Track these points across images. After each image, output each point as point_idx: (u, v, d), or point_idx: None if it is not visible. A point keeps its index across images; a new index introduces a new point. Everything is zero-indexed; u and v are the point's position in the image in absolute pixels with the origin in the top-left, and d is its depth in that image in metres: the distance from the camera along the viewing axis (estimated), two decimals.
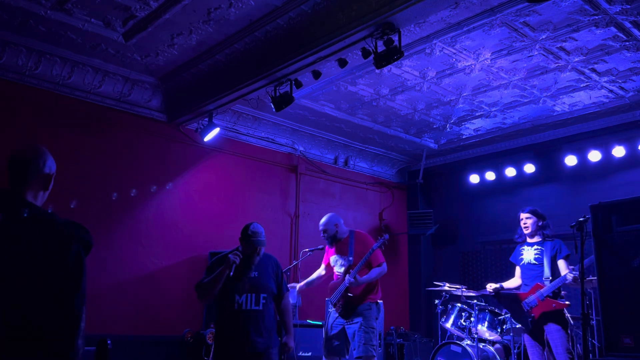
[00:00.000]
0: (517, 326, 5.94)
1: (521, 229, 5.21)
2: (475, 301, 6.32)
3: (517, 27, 5.28)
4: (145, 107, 6.72)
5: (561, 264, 4.92)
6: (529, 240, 5.17)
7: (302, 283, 5.41)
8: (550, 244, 5.01)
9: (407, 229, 9.14)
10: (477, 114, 7.57)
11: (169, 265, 6.66)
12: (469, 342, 6.16)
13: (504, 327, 6.06)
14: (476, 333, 6.09)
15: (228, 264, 3.83)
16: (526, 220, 5.12)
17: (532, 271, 5.03)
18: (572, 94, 6.82)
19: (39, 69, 5.84)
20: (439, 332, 6.92)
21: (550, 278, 4.87)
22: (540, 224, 5.10)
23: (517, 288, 5.23)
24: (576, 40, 5.53)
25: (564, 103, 7.09)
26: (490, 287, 5.30)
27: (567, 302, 4.83)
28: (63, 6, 5.11)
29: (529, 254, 5.10)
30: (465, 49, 5.76)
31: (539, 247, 5.06)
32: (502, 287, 5.28)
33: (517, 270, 5.31)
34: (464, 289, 6.61)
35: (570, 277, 4.63)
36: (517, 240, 5.31)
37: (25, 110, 5.81)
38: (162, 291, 6.52)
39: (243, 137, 7.65)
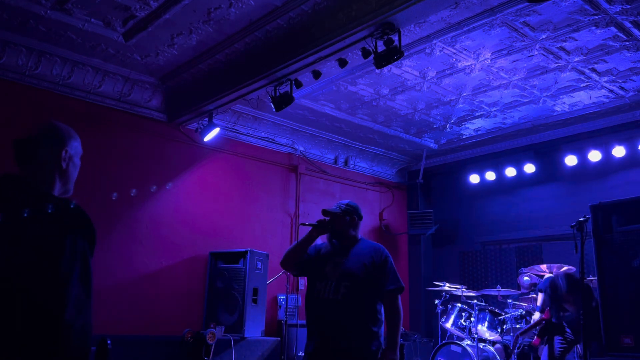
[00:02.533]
0: (517, 326, 5.95)
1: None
2: (475, 301, 6.32)
3: (517, 27, 5.28)
4: (145, 107, 6.72)
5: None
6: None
7: None
8: None
9: (407, 229, 9.14)
10: (477, 114, 7.56)
11: (169, 265, 6.66)
12: (469, 342, 6.16)
13: (504, 327, 6.06)
14: (476, 333, 6.09)
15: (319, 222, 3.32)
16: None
17: None
18: (572, 94, 6.82)
19: (39, 68, 5.84)
20: (439, 332, 6.92)
21: None
22: None
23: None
24: (576, 40, 5.52)
25: (564, 103, 7.09)
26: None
27: None
28: (63, 6, 5.11)
29: None
30: (465, 49, 5.76)
31: None
32: None
33: None
34: (464, 289, 6.62)
35: None
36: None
37: (25, 110, 5.80)
38: (162, 291, 6.52)
39: (243, 137, 7.65)
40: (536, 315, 5.37)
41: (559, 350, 4.86)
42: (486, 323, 6.10)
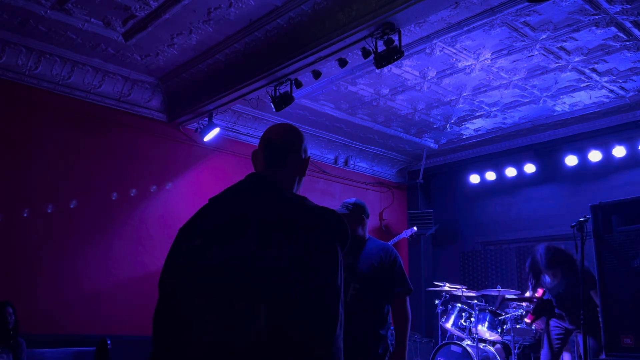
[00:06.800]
0: (517, 326, 5.95)
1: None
2: (475, 301, 6.31)
3: (518, 27, 5.28)
4: (145, 107, 6.72)
5: None
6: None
7: None
8: None
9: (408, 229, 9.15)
10: (477, 114, 7.56)
11: None
12: (469, 342, 6.15)
13: (504, 327, 6.06)
14: (476, 333, 6.09)
15: None
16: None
17: None
18: (572, 94, 6.82)
19: (38, 68, 5.84)
20: (439, 332, 6.91)
21: None
22: None
23: None
24: (576, 40, 5.52)
25: (564, 103, 7.09)
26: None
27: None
28: (63, 6, 5.11)
29: None
30: (465, 49, 5.75)
31: None
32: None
33: None
34: (464, 289, 6.61)
35: None
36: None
37: (24, 110, 5.80)
38: None
39: (243, 137, 7.64)
40: (528, 293, 5.49)
41: (556, 344, 4.88)
42: (486, 323, 6.10)
